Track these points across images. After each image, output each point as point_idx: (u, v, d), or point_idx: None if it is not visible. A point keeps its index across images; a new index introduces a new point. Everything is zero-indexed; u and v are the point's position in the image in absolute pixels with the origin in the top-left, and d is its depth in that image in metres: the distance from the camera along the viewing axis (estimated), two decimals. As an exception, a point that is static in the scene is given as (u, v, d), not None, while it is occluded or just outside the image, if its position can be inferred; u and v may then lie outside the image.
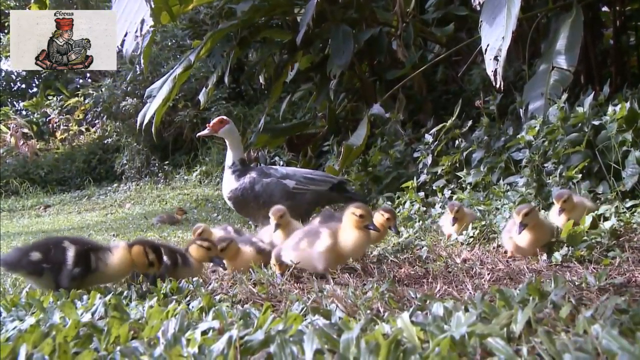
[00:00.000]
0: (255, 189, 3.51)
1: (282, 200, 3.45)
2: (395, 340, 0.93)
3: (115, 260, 1.76)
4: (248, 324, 1.20)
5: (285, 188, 3.51)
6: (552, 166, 2.75)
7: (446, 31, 5.26)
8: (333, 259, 1.88)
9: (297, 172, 3.66)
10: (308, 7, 4.30)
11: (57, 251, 1.73)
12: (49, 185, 11.81)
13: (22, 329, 1.22)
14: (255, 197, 3.50)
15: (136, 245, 1.77)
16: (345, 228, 1.90)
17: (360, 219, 1.85)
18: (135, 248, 1.77)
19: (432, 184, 3.69)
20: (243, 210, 3.68)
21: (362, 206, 1.89)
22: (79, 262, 1.72)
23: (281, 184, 3.51)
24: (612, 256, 1.83)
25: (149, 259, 1.74)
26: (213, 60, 7.63)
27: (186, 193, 8.51)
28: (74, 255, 1.72)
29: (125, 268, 1.78)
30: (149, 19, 4.09)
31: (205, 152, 10.23)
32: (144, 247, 1.76)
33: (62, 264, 1.71)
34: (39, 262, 1.71)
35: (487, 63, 2.81)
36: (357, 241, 1.87)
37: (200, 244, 1.98)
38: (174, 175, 10.30)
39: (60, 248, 1.74)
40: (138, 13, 4.20)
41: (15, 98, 17.66)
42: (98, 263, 1.75)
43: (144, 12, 4.12)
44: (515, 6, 2.73)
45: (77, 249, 1.74)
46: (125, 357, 1.02)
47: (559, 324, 1.06)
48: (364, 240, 1.89)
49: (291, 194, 3.50)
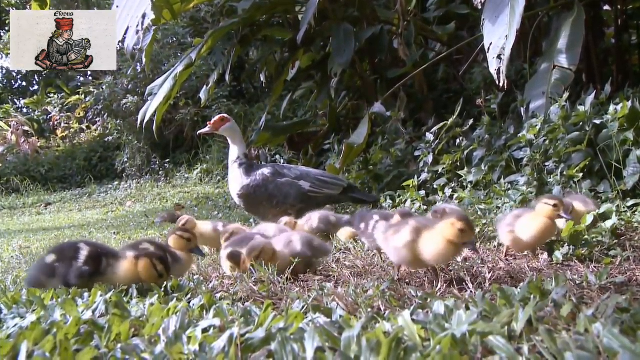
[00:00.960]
0: (269, 188, 3.45)
1: (296, 202, 3.44)
2: (396, 338, 0.93)
3: (122, 269, 1.75)
4: (249, 322, 1.20)
5: (300, 190, 3.46)
6: (553, 165, 2.75)
7: (447, 30, 5.25)
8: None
9: (310, 173, 3.62)
10: (309, 6, 4.29)
11: (70, 251, 1.75)
12: (49, 183, 11.82)
13: (23, 326, 1.22)
14: (269, 196, 3.45)
15: (142, 259, 1.73)
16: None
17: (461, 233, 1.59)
18: (142, 262, 1.73)
19: (433, 182, 3.69)
20: (252, 209, 3.61)
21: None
22: (89, 262, 1.72)
23: (296, 186, 3.47)
24: (613, 255, 1.83)
25: (157, 271, 1.73)
26: (214, 59, 7.64)
27: (187, 191, 8.52)
28: (86, 255, 1.73)
29: (133, 278, 1.76)
30: (151, 13, 4.07)
31: (206, 150, 10.24)
32: (151, 260, 1.73)
33: (73, 261, 1.72)
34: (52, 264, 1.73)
35: (490, 62, 2.80)
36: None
37: (180, 234, 1.96)
38: (174, 174, 10.30)
39: (75, 248, 1.75)
40: (139, 7, 4.19)
41: (16, 96, 17.67)
42: (107, 268, 1.74)
43: (145, 6, 4.10)
44: (519, 5, 2.71)
45: (91, 250, 1.75)
46: (126, 355, 1.02)
47: (560, 322, 1.06)
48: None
49: (306, 196, 3.46)
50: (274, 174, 3.50)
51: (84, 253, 1.74)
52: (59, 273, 1.72)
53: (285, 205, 3.45)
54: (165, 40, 10.47)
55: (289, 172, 3.55)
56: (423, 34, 5.44)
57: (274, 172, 3.53)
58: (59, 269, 1.72)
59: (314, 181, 3.51)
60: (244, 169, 3.54)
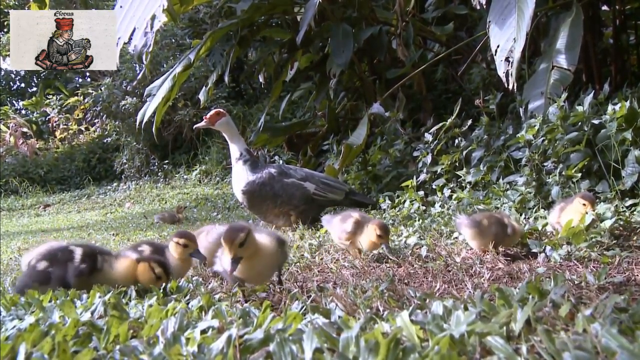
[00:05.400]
0: (274, 187, 3.44)
1: (300, 203, 3.44)
2: (394, 338, 0.92)
3: (119, 269, 1.76)
4: (247, 323, 1.19)
5: (305, 192, 3.47)
6: (551, 165, 2.75)
7: (446, 30, 5.26)
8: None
9: (315, 176, 3.62)
10: (309, 7, 4.29)
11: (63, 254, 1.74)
12: (48, 184, 11.82)
13: (21, 328, 1.22)
14: (274, 195, 3.44)
15: (141, 263, 1.75)
16: None
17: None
18: (141, 266, 1.74)
19: (431, 183, 3.69)
20: (255, 207, 3.59)
21: None
22: (86, 260, 1.72)
23: (302, 187, 3.47)
24: (612, 255, 1.83)
25: (155, 274, 1.73)
26: (213, 59, 7.65)
27: (186, 192, 8.51)
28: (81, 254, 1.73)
29: (130, 279, 1.77)
30: (161, 15, 4.01)
31: (205, 151, 10.24)
32: (149, 263, 1.74)
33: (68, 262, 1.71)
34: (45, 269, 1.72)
35: (498, 64, 2.79)
36: None
37: (176, 241, 1.96)
38: (173, 175, 10.30)
39: (67, 251, 1.75)
40: (147, 9, 4.14)
41: (15, 97, 17.67)
42: (104, 264, 1.74)
43: (153, 7, 4.05)
44: (528, 7, 2.71)
45: (84, 250, 1.75)
46: (125, 356, 1.02)
47: (559, 322, 1.06)
48: None
49: (310, 198, 3.47)
50: (280, 174, 3.51)
51: (79, 253, 1.73)
52: (55, 277, 1.70)
53: (289, 205, 3.45)
54: (164, 41, 10.48)
55: (295, 173, 3.55)
56: (422, 34, 5.45)
57: (281, 171, 3.53)
58: (54, 273, 1.71)
59: (318, 184, 3.51)
60: (249, 165, 3.53)
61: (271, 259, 1.61)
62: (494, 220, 2.06)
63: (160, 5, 3.97)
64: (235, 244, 1.48)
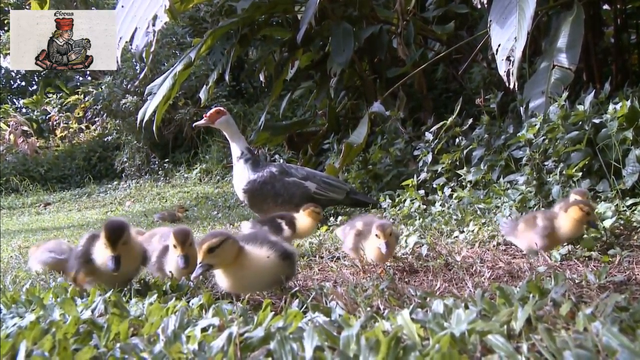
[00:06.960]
0: (275, 185, 3.45)
1: (301, 202, 3.44)
2: (395, 337, 0.92)
3: None
4: (248, 321, 1.19)
5: (307, 191, 3.48)
6: (552, 164, 2.75)
7: (447, 29, 5.25)
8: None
9: (316, 175, 3.62)
10: (309, 5, 4.29)
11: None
12: (49, 182, 11.82)
13: (22, 325, 1.22)
14: (275, 194, 3.45)
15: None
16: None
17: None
18: None
19: (432, 182, 3.69)
20: (256, 206, 3.60)
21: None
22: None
23: (303, 186, 3.48)
24: (612, 254, 1.83)
25: None
26: (213, 58, 7.64)
27: (186, 191, 8.51)
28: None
29: None
30: (163, 15, 4.01)
31: (205, 150, 10.24)
32: None
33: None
34: None
35: (499, 64, 2.79)
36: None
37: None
38: (174, 173, 10.30)
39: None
40: (148, 8, 4.13)
41: (15, 95, 17.68)
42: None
43: (155, 7, 4.05)
44: (529, 7, 2.71)
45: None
46: (125, 354, 1.02)
47: (559, 321, 1.05)
48: None
49: (311, 197, 3.47)
50: (282, 173, 3.51)
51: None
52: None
53: (290, 204, 3.46)
54: (164, 40, 10.47)
55: (296, 172, 3.56)
56: (422, 33, 5.44)
57: (282, 170, 3.54)
58: None
59: (320, 183, 3.52)
60: (250, 164, 3.53)
61: (265, 273, 1.50)
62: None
63: (162, 5, 3.97)
64: (204, 250, 1.41)
